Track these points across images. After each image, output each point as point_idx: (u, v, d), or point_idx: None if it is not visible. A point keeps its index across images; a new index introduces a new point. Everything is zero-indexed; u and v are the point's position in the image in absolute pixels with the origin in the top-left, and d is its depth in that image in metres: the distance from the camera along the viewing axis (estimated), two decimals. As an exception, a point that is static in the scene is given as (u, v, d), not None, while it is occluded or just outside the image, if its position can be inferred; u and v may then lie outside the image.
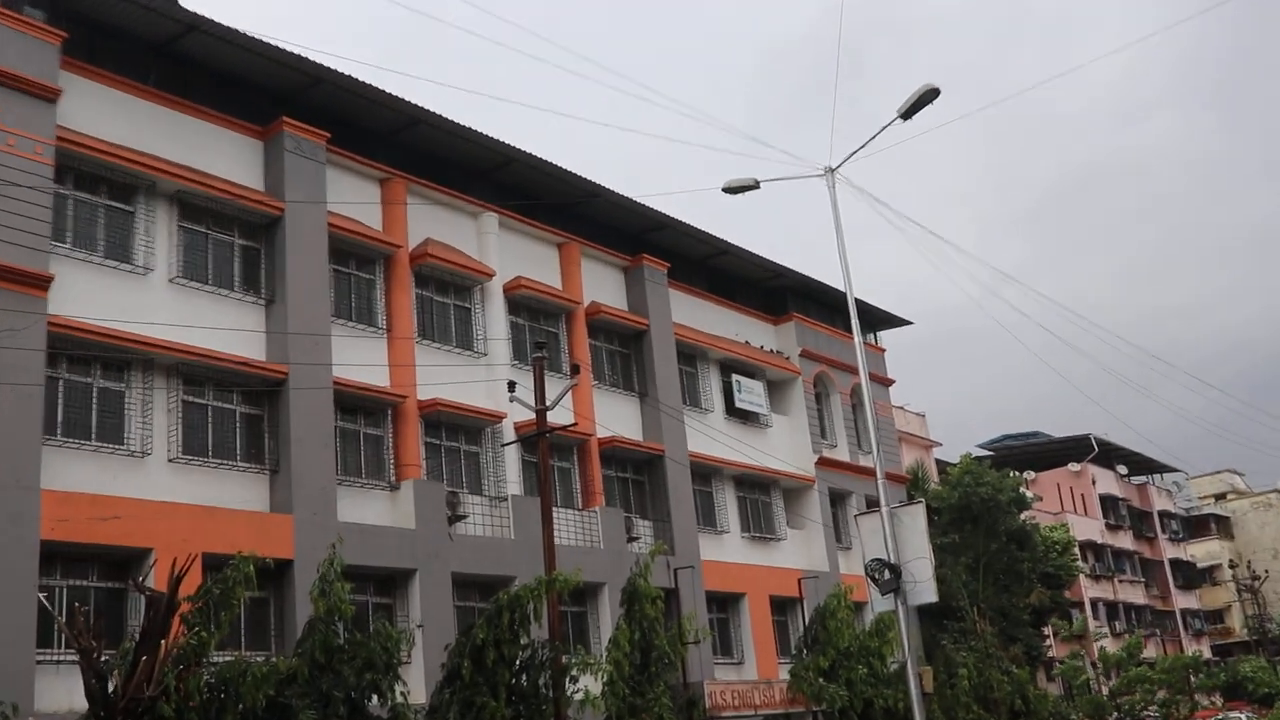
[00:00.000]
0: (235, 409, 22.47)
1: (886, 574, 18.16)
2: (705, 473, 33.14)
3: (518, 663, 19.46)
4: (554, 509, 23.38)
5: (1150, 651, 57.14)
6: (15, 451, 18.24)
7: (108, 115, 21.35)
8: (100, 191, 21.34)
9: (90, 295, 20.26)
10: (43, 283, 19.17)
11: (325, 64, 24.13)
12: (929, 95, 19.78)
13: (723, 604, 32.58)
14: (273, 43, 23.05)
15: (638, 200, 30.88)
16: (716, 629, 31.47)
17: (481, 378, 26.74)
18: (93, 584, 19.66)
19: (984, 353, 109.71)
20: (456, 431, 26.62)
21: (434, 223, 26.91)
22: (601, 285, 31.54)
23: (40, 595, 17.82)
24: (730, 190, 22.09)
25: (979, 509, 42.85)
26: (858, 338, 21.37)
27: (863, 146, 21.05)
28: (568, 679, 20.29)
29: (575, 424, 26.40)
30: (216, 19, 22.34)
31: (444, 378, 25.40)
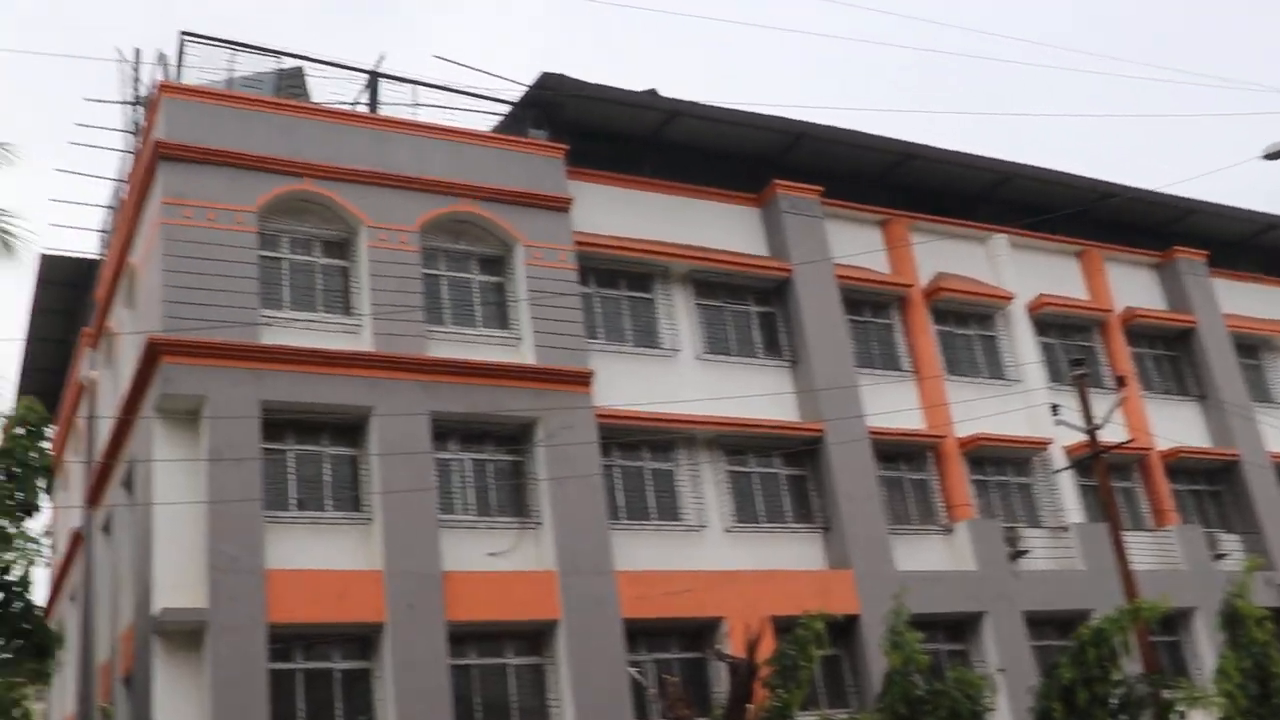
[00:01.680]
0: (778, 472, 22.74)
1: None
2: (1293, 474, 29.59)
3: (1113, 701, 18.01)
4: (1123, 533, 21.68)
5: None
6: (587, 539, 19.41)
7: (614, 212, 22.59)
8: (620, 285, 22.56)
9: (628, 384, 21.30)
10: (585, 379, 20.42)
11: (805, 120, 24.33)
12: None
13: (1345, 618, 28.71)
14: (750, 110, 23.60)
15: (1159, 190, 28.47)
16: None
17: (1018, 405, 25.51)
18: (674, 655, 20.38)
19: None
20: (1003, 464, 25.48)
21: (942, 255, 26.16)
22: (1133, 288, 29.25)
23: (631, 670, 18.71)
24: (1272, 156, 19.95)
25: None
26: None
27: None
28: (1173, 715, 18.57)
29: (1131, 439, 24.46)
30: (695, 100, 23.19)
31: (978, 411, 24.45)
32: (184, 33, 20.29)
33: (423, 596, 17.83)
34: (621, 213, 22.72)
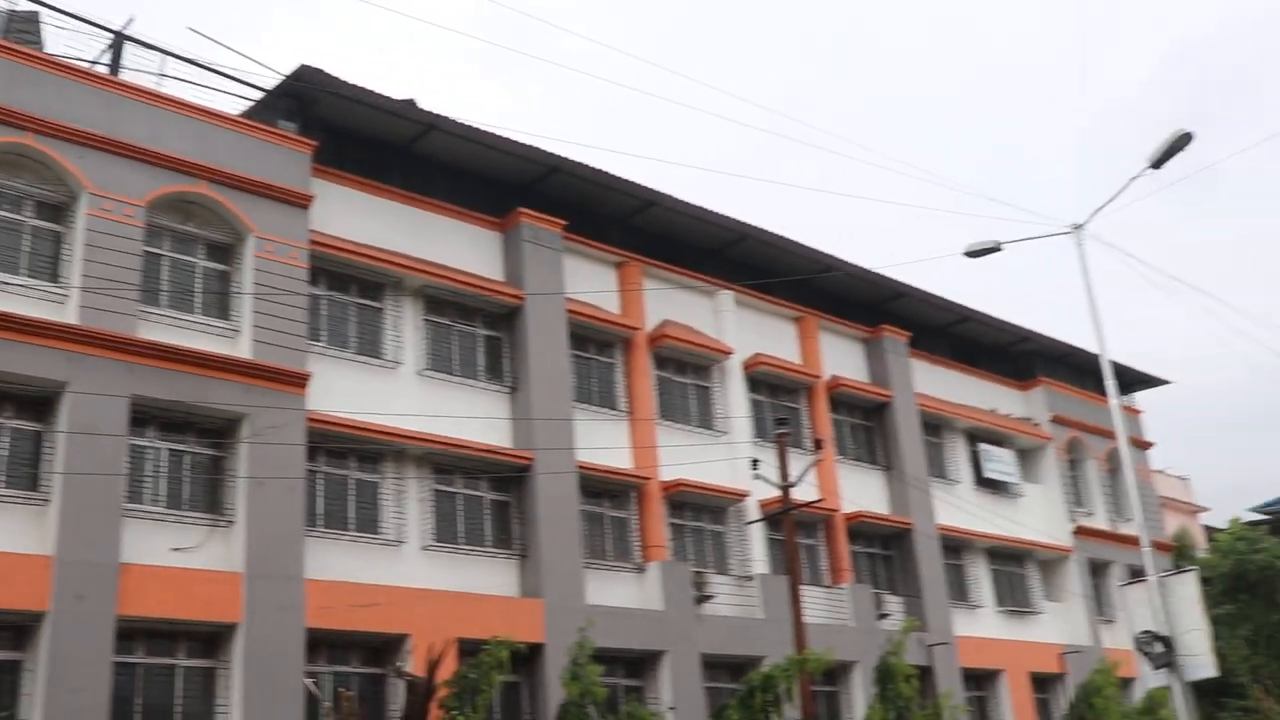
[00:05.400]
0: (484, 496, 22.87)
1: (1158, 647, 17.08)
2: (955, 546, 31.93)
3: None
4: (802, 587, 22.91)
5: None
6: (280, 543, 18.96)
7: (355, 217, 22.29)
8: (350, 290, 22.24)
9: (344, 391, 21.01)
10: (301, 380, 19.98)
11: (559, 153, 24.65)
12: (1181, 142, 18.97)
13: (980, 681, 31.16)
14: (508, 135, 23.74)
15: (875, 270, 30.29)
16: (974, 707, 30.09)
17: (723, 456, 26.53)
18: (354, 670, 20.16)
19: (1254, 409, 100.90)
20: (700, 511, 26.45)
21: (671, 303, 27.00)
22: (841, 358, 31.01)
23: (307, 681, 18.39)
24: (972, 254, 21.47)
25: (1255, 577, 39.70)
26: (1114, 401, 20.31)
27: (1109, 201, 20.20)
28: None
29: (820, 500, 25.83)
30: (453, 117, 23.14)
31: (686, 458, 25.31)
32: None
33: (94, 587, 16.92)
34: (363, 218, 22.41)
